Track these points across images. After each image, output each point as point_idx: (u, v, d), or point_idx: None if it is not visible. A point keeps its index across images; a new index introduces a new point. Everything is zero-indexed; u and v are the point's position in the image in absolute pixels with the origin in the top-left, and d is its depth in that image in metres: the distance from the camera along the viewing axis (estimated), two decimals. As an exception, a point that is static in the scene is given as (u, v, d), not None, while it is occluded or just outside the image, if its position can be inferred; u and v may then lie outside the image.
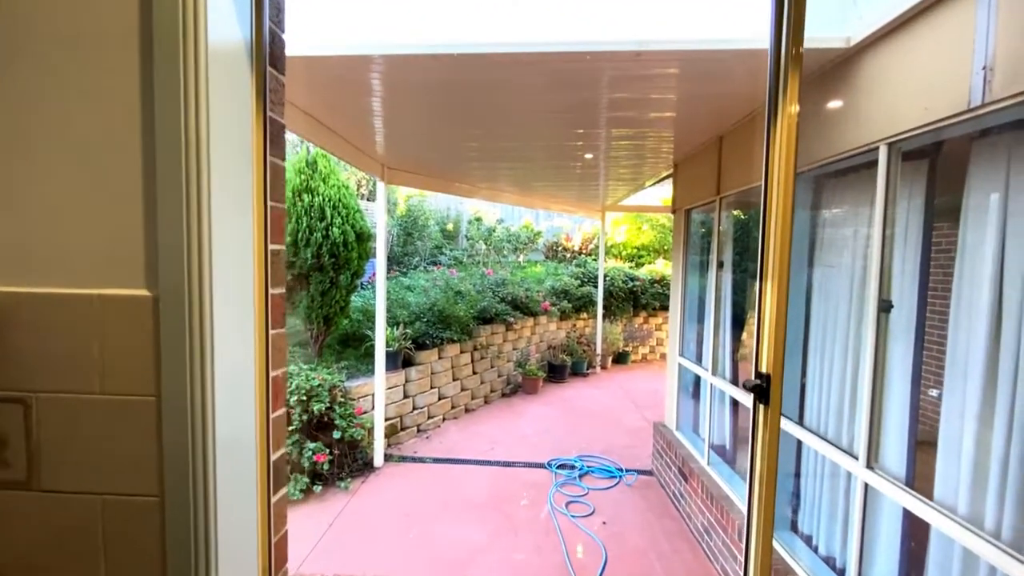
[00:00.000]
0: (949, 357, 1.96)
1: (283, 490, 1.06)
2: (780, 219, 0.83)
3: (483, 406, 7.12)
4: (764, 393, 0.84)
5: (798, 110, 0.84)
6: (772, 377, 0.84)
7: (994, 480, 1.76)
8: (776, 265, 0.82)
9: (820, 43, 2.27)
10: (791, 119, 0.84)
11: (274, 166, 0.99)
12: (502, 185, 7.12)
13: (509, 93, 3.05)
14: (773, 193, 0.83)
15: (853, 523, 2.32)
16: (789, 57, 0.85)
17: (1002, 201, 1.77)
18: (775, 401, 0.84)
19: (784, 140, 0.83)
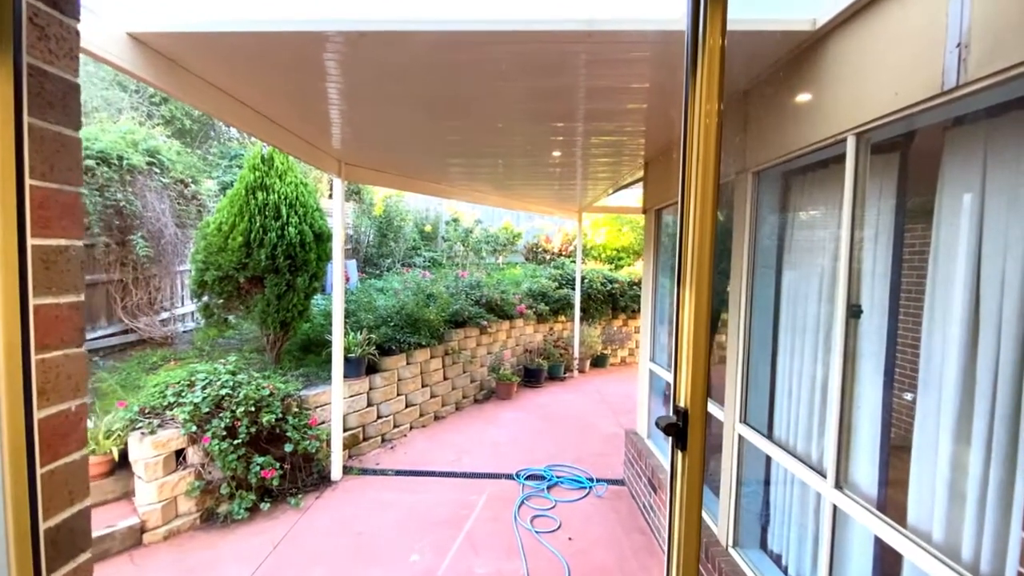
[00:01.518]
0: (923, 367, 1.79)
1: (76, 561, 0.81)
2: (699, 227, 0.63)
3: (454, 413, 6.87)
4: (681, 435, 0.63)
5: (719, 108, 0.65)
6: (691, 413, 0.63)
7: (971, 505, 1.58)
8: (695, 276, 0.62)
9: (784, 25, 2.10)
10: (710, 117, 0.64)
11: (48, 135, 0.75)
12: (480, 185, 6.90)
13: (475, 80, 2.81)
14: (691, 197, 0.63)
15: (822, 544, 2.14)
16: (705, 46, 0.65)
17: (978, 198, 1.60)
18: (695, 443, 0.63)
19: (702, 136, 0.63)
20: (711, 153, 0.65)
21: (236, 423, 4.03)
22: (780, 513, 2.65)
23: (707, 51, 0.66)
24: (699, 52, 0.66)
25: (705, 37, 0.66)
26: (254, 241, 4.89)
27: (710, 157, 0.65)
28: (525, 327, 8.81)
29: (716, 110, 0.66)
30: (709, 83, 0.66)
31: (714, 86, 0.66)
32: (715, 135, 0.66)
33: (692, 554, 0.67)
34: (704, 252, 0.64)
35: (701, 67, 0.66)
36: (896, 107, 1.67)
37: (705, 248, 0.64)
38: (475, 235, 11.32)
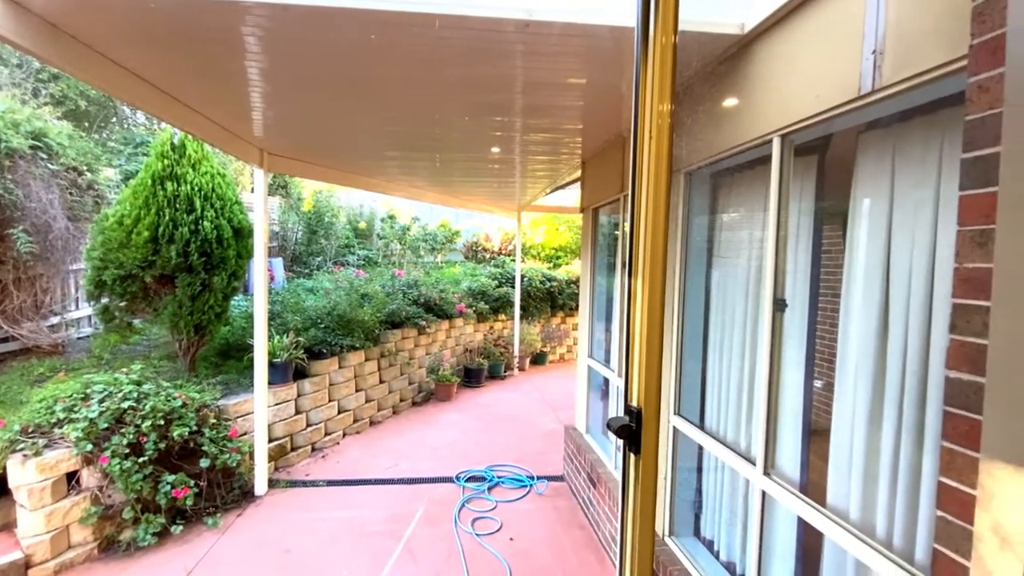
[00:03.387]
0: (839, 356, 1.91)
1: None
2: (652, 227, 0.58)
3: (391, 417, 6.63)
4: (634, 437, 0.58)
5: (671, 107, 0.60)
6: (645, 414, 0.58)
7: (883, 485, 1.69)
8: (648, 273, 0.57)
9: (714, 28, 2.16)
10: (662, 118, 0.59)
11: None
12: (417, 181, 6.69)
13: (411, 66, 2.65)
14: (642, 196, 0.58)
15: (751, 529, 2.24)
16: (657, 45, 0.60)
17: (887, 197, 1.72)
18: (649, 445, 0.58)
19: (654, 135, 0.58)
20: (663, 153, 0.61)
21: (142, 439, 3.62)
22: (712, 501, 2.76)
23: (658, 48, 0.61)
24: (649, 50, 0.62)
25: (656, 34, 0.62)
26: (163, 236, 4.42)
27: (662, 157, 0.61)
28: (465, 326, 8.69)
29: (668, 110, 0.62)
30: (661, 82, 0.62)
31: (666, 85, 0.62)
32: (667, 135, 0.62)
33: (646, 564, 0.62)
34: (657, 251, 0.60)
35: (652, 65, 0.61)
36: (818, 110, 1.76)
37: (659, 247, 0.61)
38: (412, 233, 11.03)
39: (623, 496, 0.65)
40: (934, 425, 1.54)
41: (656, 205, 0.61)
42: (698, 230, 2.86)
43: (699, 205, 2.85)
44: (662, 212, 0.61)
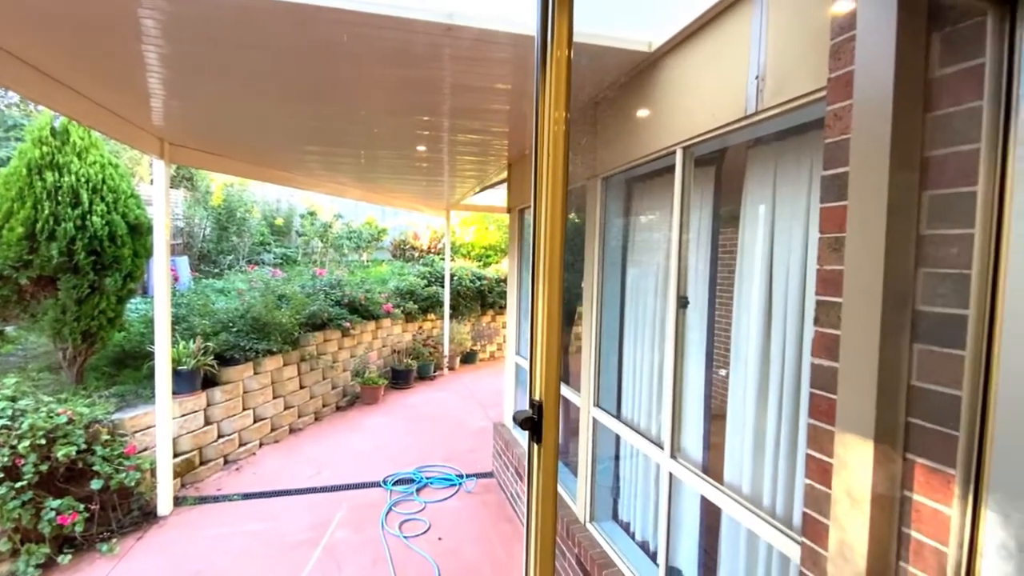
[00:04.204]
0: (733, 348, 2.12)
1: None
2: (550, 228, 0.64)
3: (312, 424, 6.36)
4: (536, 427, 0.64)
5: (567, 115, 0.66)
6: (546, 406, 0.63)
7: (768, 461, 1.92)
8: (547, 274, 0.63)
9: (626, 44, 2.31)
10: (558, 124, 0.65)
11: None
12: (341, 177, 6.44)
13: (333, 62, 2.57)
14: (543, 200, 0.64)
15: (661, 508, 2.42)
16: (553, 58, 0.65)
17: (770, 207, 1.94)
18: (550, 436, 0.64)
19: (551, 142, 0.64)
20: (559, 158, 0.67)
21: (18, 461, 3.20)
22: (629, 485, 2.94)
23: (554, 61, 0.67)
24: (547, 61, 0.68)
25: (552, 47, 0.67)
26: (41, 233, 3.92)
27: (559, 162, 0.67)
28: (393, 327, 8.51)
29: (563, 117, 0.68)
30: (557, 91, 0.67)
31: (561, 94, 0.68)
32: (563, 141, 0.68)
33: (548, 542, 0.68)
34: (555, 252, 0.66)
35: (549, 75, 0.67)
36: (713, 126, 1.95)
37: (556, 248, 0.66)
38: (335, 230, 10.60)
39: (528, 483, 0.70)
40: (806, 406, 1.77)
41: (554, 210, 0.66)
42: (615, 232, 3.04)
43: (615, 208, 3.02)
44: (559, 217, 0.66)
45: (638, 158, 2.53)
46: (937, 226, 1.08)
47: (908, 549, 1.13)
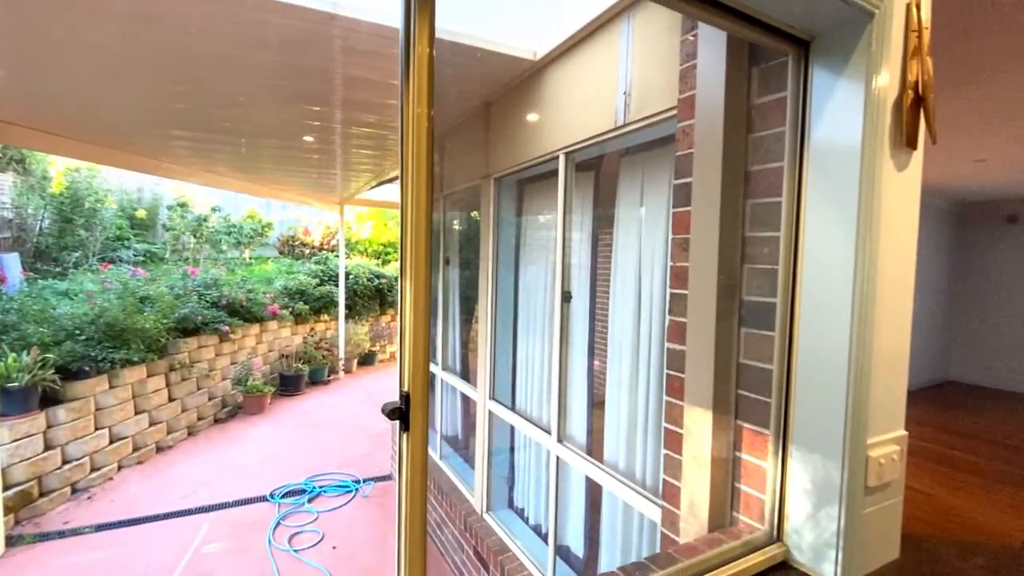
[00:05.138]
0: (611, 338, 2.33)
1: None
2: (415, 225, 0.67)
3: (185, 439, 5.72)
4: (404, 417, 0.67)
5: (430, 112, 0.70)
6: (413, 396, 0.67)
7: (639, 438, 2.13)
8: (413, 270, 0.66)
9: (512, 51, 2.41)
10: (420, 121, 0.68)
11: None
12: (217, 166, 5.83)
13: (208, 40, 2.33)
14: (408, 197, 0.67)
15: (550, 491, 2.58)
16: (415, 55, 0.69)
17: (639, 210, 2.16)
18: (418, 425, 0.68)
19: (415, 138, 0.67)
20: (423, 154, 0.70)
21: None
22: (523, 473, 3.08)
23: (416, 58, 0.70)
24: (411, 58, 0.71)
25: (415, 45, 0.71)
26: None
27: (422, 158, 0.70)
28: (280, 329, 7.93)
29: (426, 114, 0.71)
30: (419, 88, 0.70)
31: (423, 91, 0.71)
32: (426, 137, 0.71)
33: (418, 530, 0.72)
34: (420, 248, 0.69)
35: (412, 72, 0.70)
36: (589, 134, 2.11)
37: (421, 244, 0.69)
38: (211, 224, 9.58)
39: (399, 471, 0.73)
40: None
41: (418, 205, 0.69)
42: (508, 230, 3.15)
43: (508, 208, 3.13)
44: (423, 212, 0.69)
45: (526, 161, 2.66)
46: (756, 229, 1.29)
47: (739, 500, 1.35)
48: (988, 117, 3.24)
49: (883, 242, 1.10)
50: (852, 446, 1.09)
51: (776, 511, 1.24)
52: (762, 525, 1.26)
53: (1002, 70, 2.45)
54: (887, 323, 1.14)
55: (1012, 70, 2.43)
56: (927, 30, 1.13)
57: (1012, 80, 2.56)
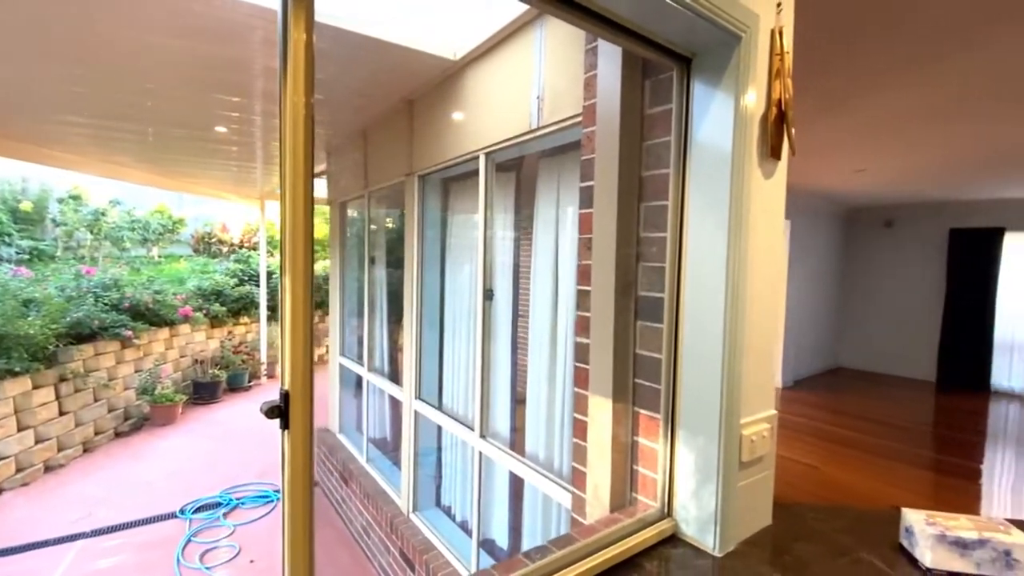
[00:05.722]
0: (531, 334, 2.40)
1: None
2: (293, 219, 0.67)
3: (80, 457, 5.18)
4: (283, 415, 0.67)
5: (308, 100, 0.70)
6: (293, 394, 0.67)
7: (556, 430, 2.22)
8: (292, 267, 0.66)
9: (434, 50, 2.41)
10: (297, 109, 0.68)
11: None
12: (121, 156, 5.31)
13: (110, 21, 2.12)
14: (287, 190, 0.66)
15: (475, 487, 2.61)
16: (291, 39, 0.68)
17: (555, 210, 2.24)
18: (297, 422, 0.68)
19: (291, 127, 0.67)
20: (300, 145, 0.70)
21: None
22: (450, 471, 3.09)
23: (293, 44, 0.70)
24: (288, 44, 0.70)
25: (291, 30, 0.70)
26: None
27: (299, 149, 0.69)
28: (194, 333, 7.37)
29: (303, 102, 0.71)
30: (296, 75, 0.70)
31: (300, 78, 0.70)
32: (303, 127, 0.70)
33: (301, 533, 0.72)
34: (298, 242, 0.69)
35: (289, 58, 0.70)
36: (507, 136, 2.17)
37: (300, 238, 0.69)
38: (111, 219, 8.72)
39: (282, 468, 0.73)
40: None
41: (296, 198, 0.69)
42: (433, 229, 3.14)
43: (433, 205, 3.13)
44: (302, 205, 0.69)
45: (449, 159, 2.67)
46: (649, 230, 1.39)
47: (637, 481, 1.45)
48: (866, 132, 3.67)
49: (752, 243, 1.23)
50: (727, 426, 1.22)
51: (666, 489, 1.35)
52: (655, 503, 1.36)
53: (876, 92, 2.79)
54: (757, 316, 1.27)
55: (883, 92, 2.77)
56: (789, 54, 1.28)
57: (884, 101, 2.93)
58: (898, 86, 2.67)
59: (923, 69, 2.44)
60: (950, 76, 2.52)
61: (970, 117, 3.19)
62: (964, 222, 6.95)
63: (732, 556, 1.23)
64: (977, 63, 2.36)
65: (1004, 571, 1.13)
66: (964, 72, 2.47)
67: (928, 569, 1.16)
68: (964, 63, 2.36)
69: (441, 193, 3.11)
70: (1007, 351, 6.77)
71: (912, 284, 7.47)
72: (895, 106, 3.01)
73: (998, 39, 2.09)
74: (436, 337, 3.16)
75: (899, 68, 2.43)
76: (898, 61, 2.35)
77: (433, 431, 3.19)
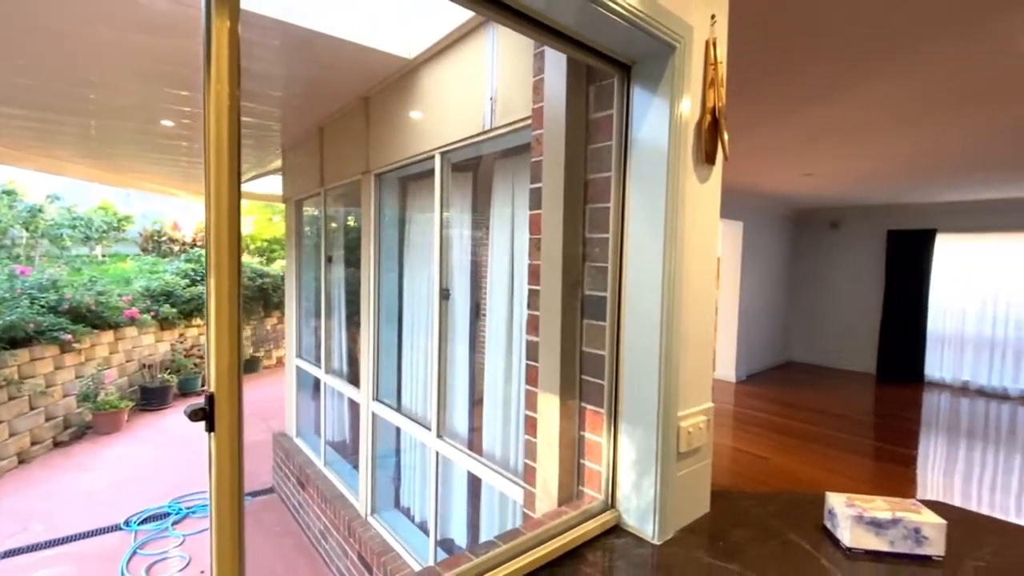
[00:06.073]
0: (488, 334, 2.41)
1: None
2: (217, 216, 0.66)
3: (15, 469, 4.87)
4: (208, 417, 0.66)
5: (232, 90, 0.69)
6: (218, 396, 0.66)
7: (512, 428, 2.25)
8: (216, 265, 0.65)
9: (388, 48, 2.39)
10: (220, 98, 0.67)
11: None
12: (61, 150, 4.99)
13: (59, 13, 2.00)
14: (211, 185, 0.65)
15: (433, 487, 2.61)
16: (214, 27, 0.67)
17: (511, 210, 2.27)
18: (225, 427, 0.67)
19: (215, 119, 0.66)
20: (225, 137, 0.68)
21: None
22: (408, 472, 3.07)
23: (216, 31, 0.68)
24: (211, 31, 0.69)
25: (214, 16, 0.69)
26: None
27: (224, 141, 0.68)
28: (141, 336, 7.03)
29: (227, 91, 0.69)
30: (219, 63, 0.69)
31: (223, 67, 0.69)
32: (227, 118, 0.69)
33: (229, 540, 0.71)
34: (223, 241, 0.68)
35: (213, 46, 0.68)
36: (461, 136, 2.18)
37: (224, 235, 0.68)
38: (49, 216, 8.21)
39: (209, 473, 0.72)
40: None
41: (220, 193, 0.67)
42: (390, 227, 3.11)
43: (390, 204, 3.10)
44: (227, 202, 0.68)
45: (405, 158, 2.65)
46: (594, 231, 1.44)
47: (584, 475, 1.49)
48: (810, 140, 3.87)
49: (687, 244, 1.28)
50: (665, 419, 1.27)
51: (610, 481, 1.39)
52: (600, 495, 1.41)
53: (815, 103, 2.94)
54: (693, 313, 1.33)
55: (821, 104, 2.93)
56: (722, 64, 1.34)
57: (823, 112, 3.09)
58: (834, 99, 2.83)
59: (857, 84, 2.59)
60: (879, 91, 2.69)
61: (899, 128, 3.42)
62: (901, 224, 7.41)
63: (670, 543, 1.29)
64: (902, 79, 2.53)
65: (914, 547, 1.23)
66: (891, 87, 2.64)
67: (848, 548, 1.24)
68: (891, 79, 2.53)
69: (399, 192, 3.09)
70: (939, 344, 7.27)
71: (855, 282, 7.91)
72: (833, 117, 3.19)
73: (919, 57, 2.26)
74: (394, 338, 3.13)
75: (834, 82, 2.58)
76: (832, 76, 2.50)
77: (392, 432, 3.16)
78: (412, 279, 3.00)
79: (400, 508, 3.15)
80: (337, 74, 2.71)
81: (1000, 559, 1.24)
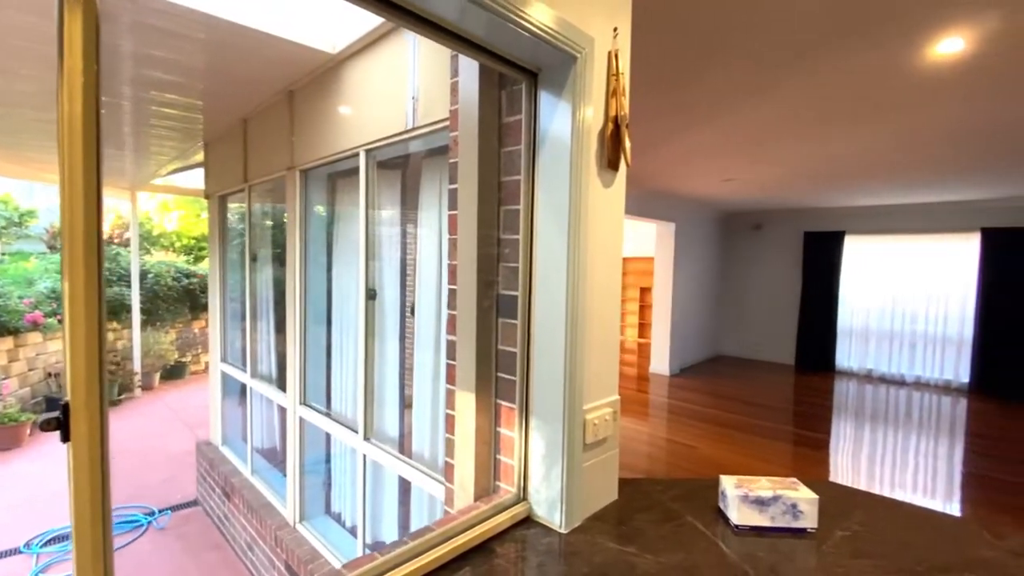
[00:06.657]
0: (416, 334, 2.41)
1: None
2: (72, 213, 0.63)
3: None
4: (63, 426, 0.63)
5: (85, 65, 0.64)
6: (74, 405, 0.63)
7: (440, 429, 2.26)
8: (70, 267, 0.62)
9: (312, 42, 2.33)
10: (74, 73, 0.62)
11: None
12: None
13: None
14: (64, 175, 0.62)
15: (361, 490, 2.57)
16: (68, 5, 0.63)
17: (437, 210, 2.27)
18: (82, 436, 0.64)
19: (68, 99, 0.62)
20: (79, 118, 0.64)
21: None
22: (339, 477, 3.01)
23: (68, 5, 0.64)
24: (63, 7, 0.64)
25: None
26: None
27: (77, 123, 0.64)
28: (46, 343, 6.42)
29: (81, 67, 0.65)
30: (71, 36, 0.64)
31: (77, 40, 0.64)
32: (81, 97, 0.64)
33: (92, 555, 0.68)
34: (79, 238, 0.64)
35: (66, 17, 0.64)
36: (384, 134, 2.16)
37: (80, 233, 0.65)
38: (-66, 211, 7.32)
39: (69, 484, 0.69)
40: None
41: (75, 184, 0.64)
42: (317, 225, 3.03)
43: (317, 201, 3.01)
44: (82, 193, 0.64)
45: (330, 155, 2.59)
46: (507, 232, 1.47)
47: (500, 470, 1.53)
48: (725, 146, 4.11)
49: (591, 245, 1.35)
50: (571, 412, 1.33)
51: (522, 474, 1.44)
52: (513, 488, 1.45)
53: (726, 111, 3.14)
54: (597, 311, 1.40)
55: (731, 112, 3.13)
56: (624, 75, 1.42)
57: (733, 119, 3.30)
58: (741, 108, 3.04)
59: (762, 93, 2.80)
60: (780, 101, 2.92)
61: (801, 137, 3.72)
62: (815, 226, 8.03)
63: (577, 531, 1.34)
64: (799, 91, 2.76)
65: (792, 521, 1.35)
66: (790, 98, 2.87)
67: (736, 525, 1.35)
68: (789, 90, 2.75)
69: (327, 189, 3.01)
70: (847, 336, 7.96)
71: (777, 280, 8.50)
72: (742, 125, 3.42)
73: (816, 69, 2.47)
74: (323, 339, 3.05)
75: (740, 91, 2.77)
76: (738, 85, 2.68)
77: (321, 437, 3.08)
78: (340, 279, 2.93)
79: (331, 514, 3.07)
80: (258, 66, 2.60)
81: (865, 528, 1.39)
